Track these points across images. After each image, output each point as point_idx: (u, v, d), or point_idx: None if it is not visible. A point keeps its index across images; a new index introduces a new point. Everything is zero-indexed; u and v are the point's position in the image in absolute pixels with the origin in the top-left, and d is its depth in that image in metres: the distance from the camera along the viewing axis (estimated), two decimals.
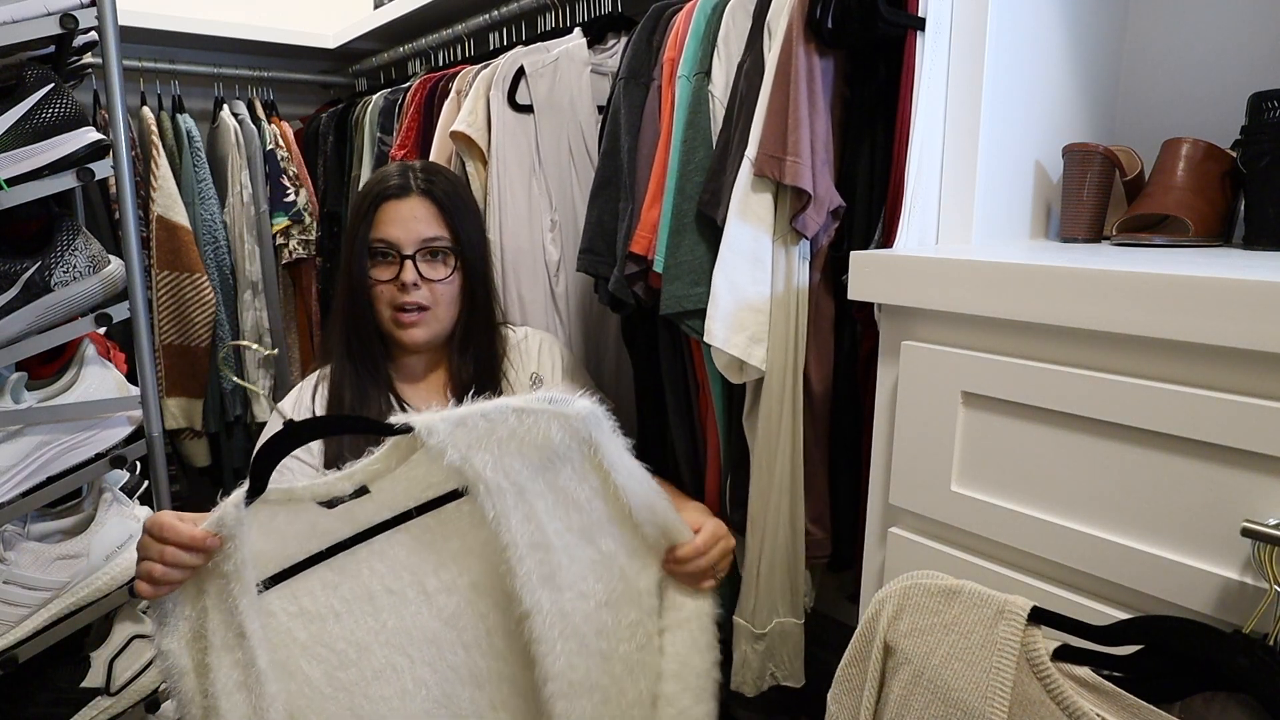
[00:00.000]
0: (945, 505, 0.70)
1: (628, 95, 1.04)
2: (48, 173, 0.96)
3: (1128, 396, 0.57)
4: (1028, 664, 0.56)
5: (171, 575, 0.73)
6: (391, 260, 1.02)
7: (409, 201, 1.02)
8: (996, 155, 0.84)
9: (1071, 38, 0.93)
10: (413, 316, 1.02)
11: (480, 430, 0.73)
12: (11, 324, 0.96)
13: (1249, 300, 0.51)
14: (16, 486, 0.99)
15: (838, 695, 0.67)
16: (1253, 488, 0.53)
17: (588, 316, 1.31)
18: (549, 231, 1.28)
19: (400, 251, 1.01)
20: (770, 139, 0.86)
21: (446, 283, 1.03)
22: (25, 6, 0.93)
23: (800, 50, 0.85)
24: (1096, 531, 0.61)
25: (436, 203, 1.03)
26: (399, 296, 1.01)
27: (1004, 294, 0.63)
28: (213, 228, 1.89)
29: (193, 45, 1.98)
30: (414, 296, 1.01)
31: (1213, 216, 0.83)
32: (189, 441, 1.92)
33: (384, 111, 1.71)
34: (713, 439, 1.06)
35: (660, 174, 0.98)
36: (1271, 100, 0.77)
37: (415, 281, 1.01)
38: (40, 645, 1.01)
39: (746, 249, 0.89)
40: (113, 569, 1.07)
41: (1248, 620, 0.51)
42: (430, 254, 1.03)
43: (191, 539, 0.72)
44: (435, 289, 1.02)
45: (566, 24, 1.46)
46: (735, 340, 0.89)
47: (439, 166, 1.09)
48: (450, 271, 1.03)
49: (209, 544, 0.72)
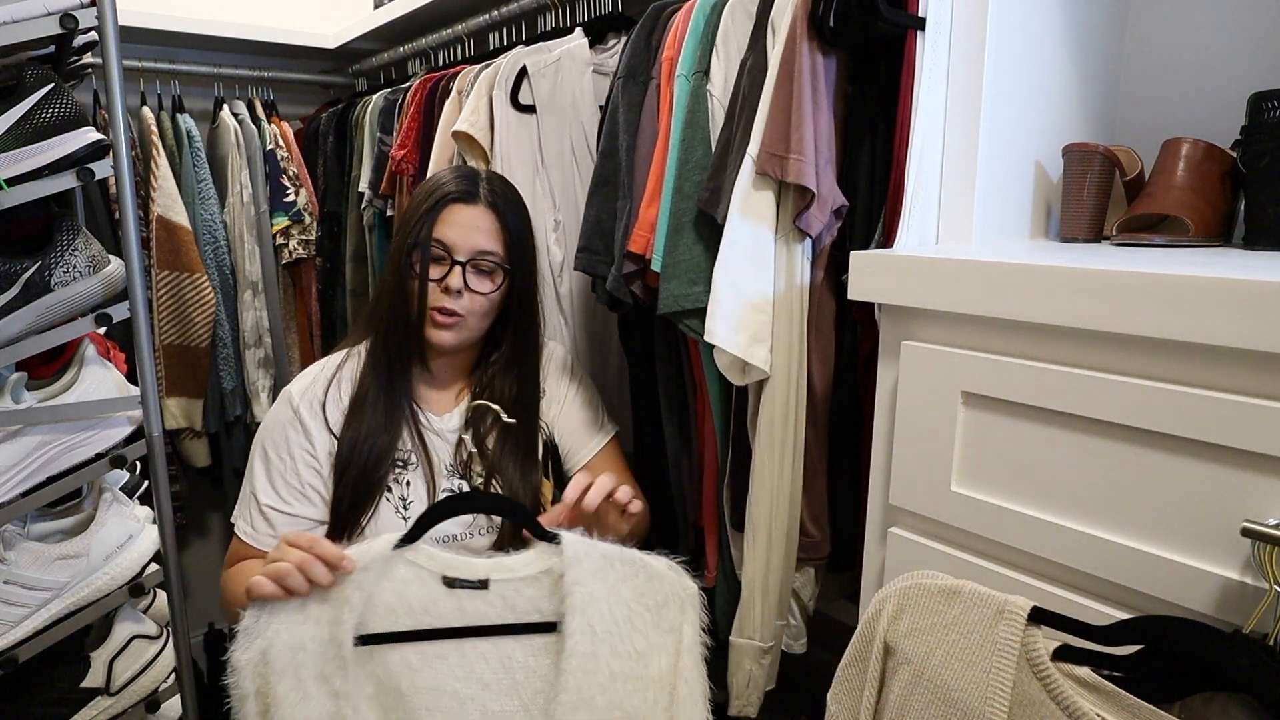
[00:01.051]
0: (945, 505, 0.70)
1: (626, 94, 1.04)
2: (48, 173, 0.96)
3: (1128, 396, 0.57)
4: (1028, 664, 0.56)
5: (296, 582, 0.76)
6: (442, 261, 1.02)
7: (474, 210, 1.02)
8: (996, 155, 0.84)
9: (1071, 37, 0.93)
10: (447, 319, 1.02)
11: (600, 565, 0.81)
12: (11, 324, 0.96)
13: (1249, 300, 0.51)
14: (16, 486, 0.99)
15: (838, 695, 0.67)
16: (1253, 488, 0.53)
17: (591, 317, 1.31)
18: (552, 232, 1.28)
19: (453, 256, 1.01)
20: (773, 137, 0.86)
21: (489, 297, 1.03)
22: (25, 6, 0.93)
23: (804, 48, 0.85)
24: (1096, 531, 0.61)
25: (500, 218, 1.03)
26: (440, 298, 1.01)
27: (1004, 294, 0.63)
28: (213, 228, 1.89)
29: (193, 45, 1.98)
30: (454, 303, 1.01)
31: (1213, 216, 0.83)
32: (189, 441, 1.92)
33: (384, 111, 1.71)
34: (710, 440, 1.06)
35: (658, 173, 0.98)
36: (1271, 100, 0.77)
37: (460, 289, 1.01)
38: (40, 645, 1.01)
39: (748, 247, 0.89)
40: (113, 569, 1.07)
41: (1248, 620, 0.51)
42: (480, 268, 1.03)
43: (335, 554, 0.77)
44: (475, 299, 1.02)
45: (566, 24, 1.46)
46: (737, 340, 0.89)
47: (503, 179, 1.09)
48: (495, 288, 1.04)
49: (345, 565, 0.77)
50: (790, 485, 0.93)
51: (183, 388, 1.85)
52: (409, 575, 0.81)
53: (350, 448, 1.00)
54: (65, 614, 1.03)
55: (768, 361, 0.90)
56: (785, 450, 0.92)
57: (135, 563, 1.09)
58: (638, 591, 0.82)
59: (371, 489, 1.00)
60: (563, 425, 1.12)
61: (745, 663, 0.97)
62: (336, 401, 1.04)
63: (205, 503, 2.25)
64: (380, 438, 1.01)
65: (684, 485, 1.12)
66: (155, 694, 1.14)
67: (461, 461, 1.05)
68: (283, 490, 1.01)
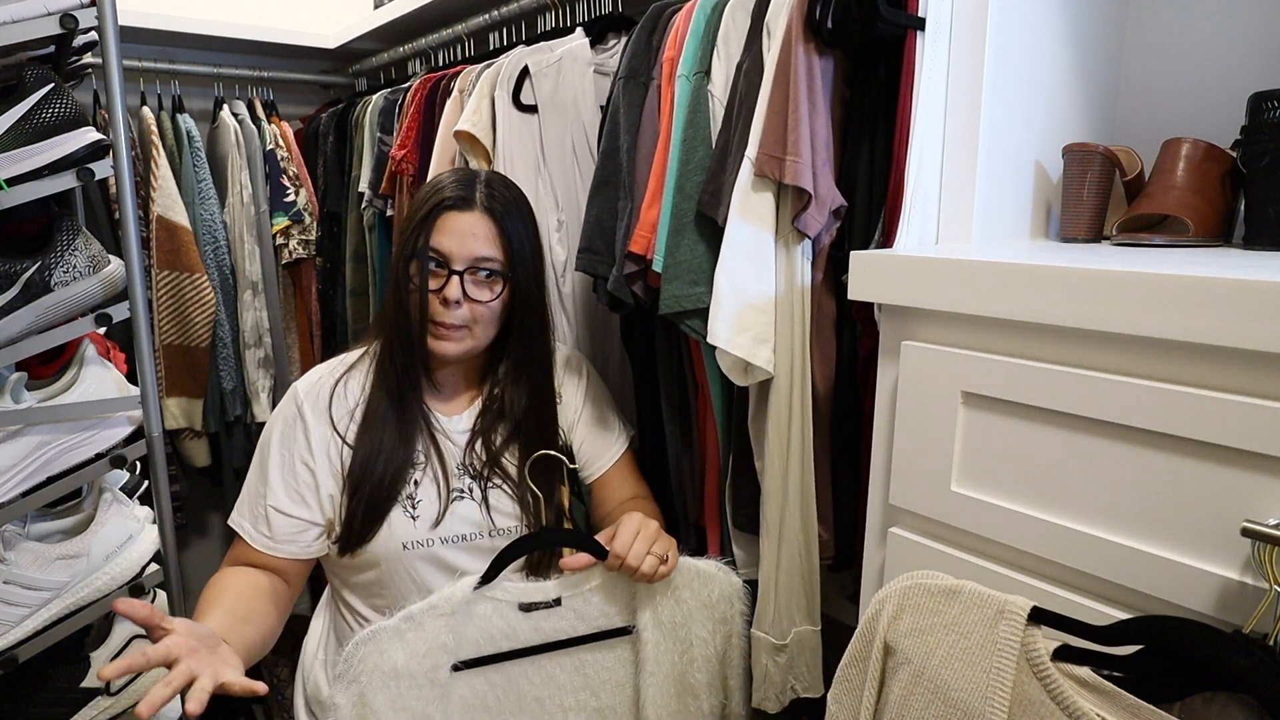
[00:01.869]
0: (945, 505, 0.70)
1: (627, 95, 1.04)
2: (48, 173, 0.96)
3: (1128, 396, 0.57)
4: (1028, 664, 0.56)
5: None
6: (440, 271, 0.99)
7: (470, 216, 0.99)
8: (996, 155, 0.84)
9: (1071, 37, 0.93)
10: (449, 331, 1.00)
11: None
12: (11, 324, 0.96)
13: (1249, 300, 0.51)
14: (16, 486, 0.99)
15: (838, 695, 0.67)
16: (1253, 488, 0.53)
17: (594, 317, 1.31)
18: (555, 231, 1.28)
19: (450, 266, 0.98)
20: (770, 139, 0.86)
21: (489, 305, 1.01)
22: (25, 6, 0.93)
23: (800, 50, 0.85)
24: (1096, 531, 0.61)
25: (497, 222, 1.00)
26: (440, 311, 0.99)
27: (1004, 294, 0.63)
28: (213, 228, 1.89)
29: (193, 45, 1.98)
30: (454, 315, 0.98)
31: (1213, 216, 0.83)
32: (189, 441, 1.92)
33: (384, 111, 1.71)
34: (712, 440, 1.06)
35: (659, 173, 0.98)
36: (1271, 100, 0.77)
37: (458, 300, 0.98)
38: (40, 645, 1.01)
39: (748, 248, 0.89)
40: (113, 569, 1.07)
41: (1248, 620, 0.51)
42: (479, 277, 1.00)
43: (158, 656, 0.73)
44: (476, 309, 1.00)
45: (566, 24, 1.46)
46: (739, 341, 0.89)
47: (504, 179, 1.06)
48: (495, 296, 1.01)
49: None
50: (801, 486, 0.93)
51: (183, 388, 1.85)
52: (488, 610, 0.90)
53: (363, 464, 0.99)
54: (65, 614, 1.03)
55: (771, 362, 0.90)
56: (794, 452, 0.92)
57: (135, 563, 1.09)
58: (693, 591, 0.95)
59: (386, 504, 0.99)
60: (580, 434, 1.12)
61: (762, 657, 0.98)
62: (342, 400, 1.04)
63: (205, 503, 2.25)
64: (395, 455, 1.00)
65: (685, 484, 1.12)
66: None
67: (472, 464, 1.04)
68: (279, 488, 1.00)
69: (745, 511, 1.02)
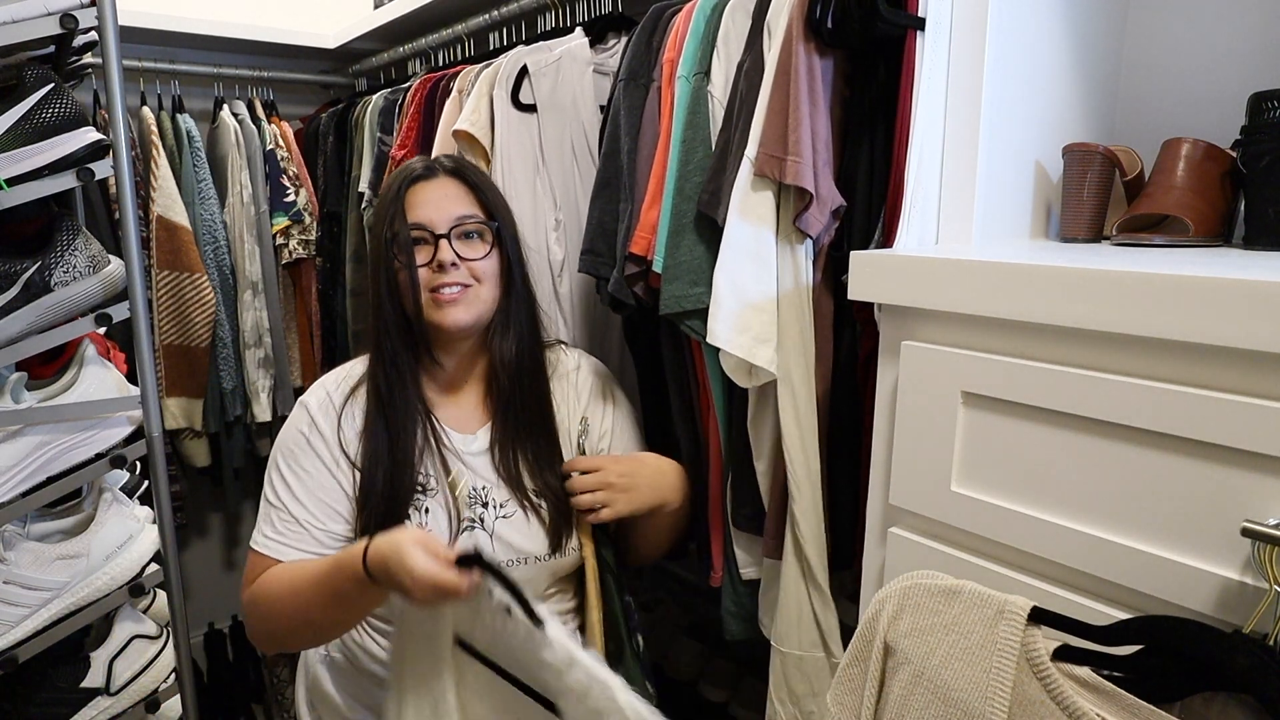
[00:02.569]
0: (945, 505, 0.70)
1: (627, 96, 1.04)
2: (48, 173, 0.96)
3: (1128, 396, 0.57)
4: (1028, 664, 0.56)
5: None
6: (426, 243, 0.97)
7: (437, 181, 1.00)
8: (996, 155, 0.84)
9: (1071, 38, 0.93)
10: (453, 294, 0.96)
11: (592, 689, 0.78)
12: (11, 324, 0.96)
13: (1249, 300, 0.51)
14: (16, 486, 0.99)
15: (838, 695, 0.67)
16: (1253, 488, 0.53)
17: (592, 316, 1.31)
18: (553, 231, 1.28)
19: (433, 231, 0.97)
20: (771, 138, 0.86)
21: (486, 260, 0.99)
22: (25, 6, 0.93)
23: (800, 50, 0.85)
24: (1096, 531, 0.61)
25: (466, 181, 1.00)
26: (437, 278, 0.97)
27: (1004, 294, 0.63)
28: (213, 228, 1.89)
29: (193, 45, 1.98)
30: (453, 277, 0.96)
31: (1213, 216, 0.83)
32: (189, 441, 1.92)
33: (384, 111, 1.71)
34: (714, 439, 1.06)
35: (659, 174, 0.98)
36: (1271, 100, 0.77)
37: (454, 261, 0.96)
38: (40, 645, 1.01)
39: (748, 248, 0.89)
40: (113, 569, 1.07)
41: (1248, 620, 0.51)
42: (465, 233, 0.99)
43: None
44: (474, 267, 0.98)
45: (566, 24, 1.46)
46: (739, 341, 0.89)
47: (461, 157, 1.08)
48: (488, 249, 0.99)
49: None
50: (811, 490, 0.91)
51: (183, 388, 1.85)
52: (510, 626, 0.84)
53: (369, 481, 0.96)
54: (65, 614, 1.03)
55: (773, 362, 0.90)
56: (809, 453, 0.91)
57: (135, 563, 1.09)
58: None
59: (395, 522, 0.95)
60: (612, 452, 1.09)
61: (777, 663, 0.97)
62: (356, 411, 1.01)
63: (205, 503, 2.26)
64: (401, 472, 0.97)
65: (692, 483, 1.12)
66: (155, 694, 1.14)
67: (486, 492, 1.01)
68: (309, 503, 0.97)
69: (745, 511, 1.02)
